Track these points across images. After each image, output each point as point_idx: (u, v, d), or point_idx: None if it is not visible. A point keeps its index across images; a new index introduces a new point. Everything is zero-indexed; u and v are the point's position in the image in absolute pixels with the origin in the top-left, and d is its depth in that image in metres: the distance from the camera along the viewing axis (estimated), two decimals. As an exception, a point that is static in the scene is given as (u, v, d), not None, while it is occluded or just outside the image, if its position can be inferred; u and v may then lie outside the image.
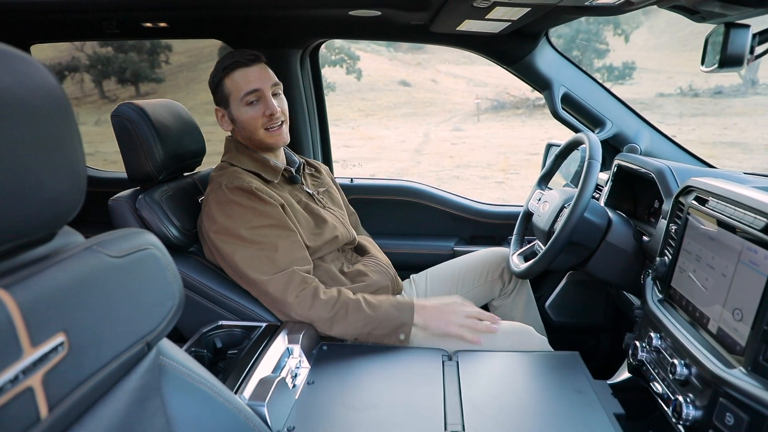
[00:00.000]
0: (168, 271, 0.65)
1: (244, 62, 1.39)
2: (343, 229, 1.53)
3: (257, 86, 1.38)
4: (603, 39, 19.85)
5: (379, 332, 1.27)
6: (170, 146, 1.40)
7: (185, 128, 1.50)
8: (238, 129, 1.44)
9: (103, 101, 18.03)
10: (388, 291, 1.50)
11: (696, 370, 0.87)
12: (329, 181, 1.70)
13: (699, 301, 0.95)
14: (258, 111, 1.39)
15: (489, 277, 1.68)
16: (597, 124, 1.80)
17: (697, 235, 1.00)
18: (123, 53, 17.65)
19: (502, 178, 9.42)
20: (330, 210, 1.56)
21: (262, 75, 1.40)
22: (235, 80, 1.39)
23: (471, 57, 1.87)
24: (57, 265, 0.52)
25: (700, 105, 15.94)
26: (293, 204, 1.43)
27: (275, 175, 1.43)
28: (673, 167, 1.34)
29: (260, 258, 1.26)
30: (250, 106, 1.40)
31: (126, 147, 1.36)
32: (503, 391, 1.06)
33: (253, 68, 1.39)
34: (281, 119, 1.43)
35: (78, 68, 17.99)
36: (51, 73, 0.51)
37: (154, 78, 17.81)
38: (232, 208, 1.30)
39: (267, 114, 1.39)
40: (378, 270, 1.51)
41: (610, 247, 1.34)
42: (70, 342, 0.51)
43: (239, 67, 1.39)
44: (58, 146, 0.50)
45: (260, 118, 1.40)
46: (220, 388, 0.73)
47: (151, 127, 1.35)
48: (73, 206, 0.54)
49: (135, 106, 1.35)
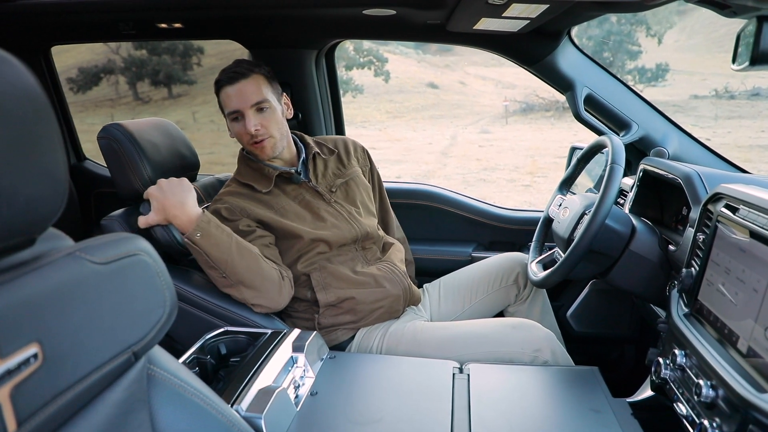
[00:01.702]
0: (159, 278, 0.63)
1: (225, 80, 1.44)
2: (346, 227, 1.49)
3: (236, 107, 1.43)
4: (635, 40, 19.46)
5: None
6: (158, 162, 1.46)
7: (174, 144, 1.56)
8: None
9: (136, 102, 18.49)
10: (398, 300, 1.46)
11: (723, 393, 0.80)
12: (356, 170, 1.66)
13: (728, 317, 0.88)
14: (242, 128, 1.45)
15: (504, 282, 1.63)
16: (622, 127, 1.73)
17: (726, 245, 0.93)
18: (156, 56, 18.08)
19: (529, 181, 9.29)
20: (338, 205, 1.53)
21: (242, 94, 1.43)
22: (222, 99, 1.47)
23: (499, 59, 1.82)
24: (34, 272, 0.50)
25: (736, 107, 15.47)
26: (286, 207, 1.47)
27: (268, 184, 1.47)
28: (701, 172, 1.27)
29: None
30: (235, 122, 1.46)
31: (113, 166, 1.41)
32: (515, 408, 1.01)
33: (234, 86, 1.43)
34: (264, 136, 1.45)
35: (113, 70, 18.50)
36: (27, 71, 0.49)
37: (186, 80, 18.18)
38: None
39: (247, 133, 1.44)
40: (391, 278, 1.47)
41: (633, 256, 1.28)
42: (45, 353, 0.48)
43: (222, 86, 1.45)
44: (32, 149, 0.48)
45: (244, 136, 1.46)
46: (214, 399, 0.70)
47: (136, 145, 1.40)
48: (53, 210, 0.51)
49: (120, 127, 1.41)
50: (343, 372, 1.12)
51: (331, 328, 1.42)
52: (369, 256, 1.53)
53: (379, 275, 1.46)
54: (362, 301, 1.41)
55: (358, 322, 1.42)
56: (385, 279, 1.46)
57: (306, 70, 1.93)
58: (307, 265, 1.44)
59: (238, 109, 1.43)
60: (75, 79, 17.18)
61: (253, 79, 1.44)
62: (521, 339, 1.32)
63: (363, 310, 1.41)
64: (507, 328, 1.35)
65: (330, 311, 1.41)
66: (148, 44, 17.07)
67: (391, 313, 1.46)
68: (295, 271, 1.44)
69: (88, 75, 17.67)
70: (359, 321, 1.42)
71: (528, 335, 1.33)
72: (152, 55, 18.17)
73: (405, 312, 1.52)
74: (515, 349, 1.30)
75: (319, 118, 2.02)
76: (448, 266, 1.99)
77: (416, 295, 1.56)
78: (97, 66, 18.03)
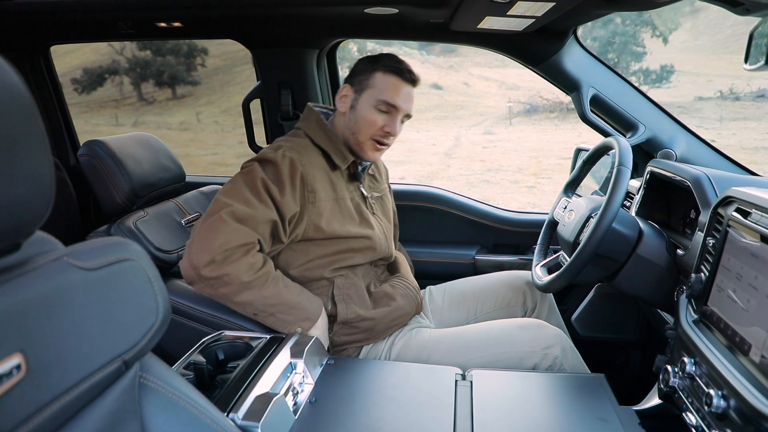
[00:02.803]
0: (151, 284, 0.61)
1: (406, 75, 1.37)
2: (384, 242, 1.45)
3: (400, 104, 1.36)
4: (640, 41, 19.41)
5: (283, 316, 1.21)
6: (140, 176, 1.47)
7: (156, 157, 1.58)
8: (350, 118, 1.39)
9: (141, 103, 18.55)
10: (410, 315, 1.43)
11: (735, 403, 0.78)
12: (386, 188, 1.62)
13: (739, 325, 0.85)
14: (381, 121, 1.36)
15: (511, 302, 1.58)
16: (629, 128, 1.70)
17: (737, 250, 0.91)
18: (161, 56, 18.14)
19: (533, 183, 9.26)
20: (378, 218, 1.49)
21: (411, 98, 1.39)
22: (388, 83, 1.36)
23: (504, 60, 1.80)
24: (19, 278, 0.48)
25: (741, 109, 15.40)
26: (344, 199, 1.38)
27: (344, 161, 1.38)
28: (711, 175, 1.24)
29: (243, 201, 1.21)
30: (378, 112, 1.35)
31: (95, 183, 1.44)
32: (519, 416, 0.98)
33: (408, 87, 1.38)
34: (391, 143, 1.41)
35: (118, 71, 18.57)
36: (10, 68, 0.47)
37: (191, 81, 18.22)
38: (268, 165, 1.27)
39: (386, 130, 1.36)
40: (405, 294, 1.42)
41: (640, 260, 1.25)
42: (29, 363, 0.46)
43: (401, 75, 1.36)
44: (14, 149, 0.46)
45: (377, 128, 1.36)
46: (208, 408, 0.68)
47: (116, 160, 1.42)
48: (39, 214, 0.49)
49: (99, 143, 1.43)
50: (343, 378, 1.09)
51: (341, 347, 1.36)
52: (380, 274, 1.50)
53: (393, 293, 1.41)
54: (380, 321, 1.36)
55: (369, 339, 1.37)
56: (400, 296, 1.41)
57: (307, 70, 1.91)
58: (335, 269, 1.37)
59: (399, 106, 1.35)
60: (79, 79, 17.26)
61: (412, 97, 1.41)
62: (530, 338, 1.29)
63: (379, 330, 1.36)
64: (515, 329, 1.32)
65: (345, 330, 1.34)
66: (153, 45, 17.14)
67: (401, 328, 1.42)
68: (318, 274, 1.36)
69: (93, 76, 17.73)
70: (370, 339, 1.37)
71: (537, 334, 1.30)
72: (156, 56, 18.22)
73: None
74: (525, 348, 1.27)
75: None
76: (452, 269, 1.97)
77: (422, 303, 1.53)
78: (102, 67, 18.09)
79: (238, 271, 1.16)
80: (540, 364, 1.26)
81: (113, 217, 1.46)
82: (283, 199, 1.23)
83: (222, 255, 1.15)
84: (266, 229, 1.23)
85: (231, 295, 1.18)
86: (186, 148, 12.94)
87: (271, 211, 1.22)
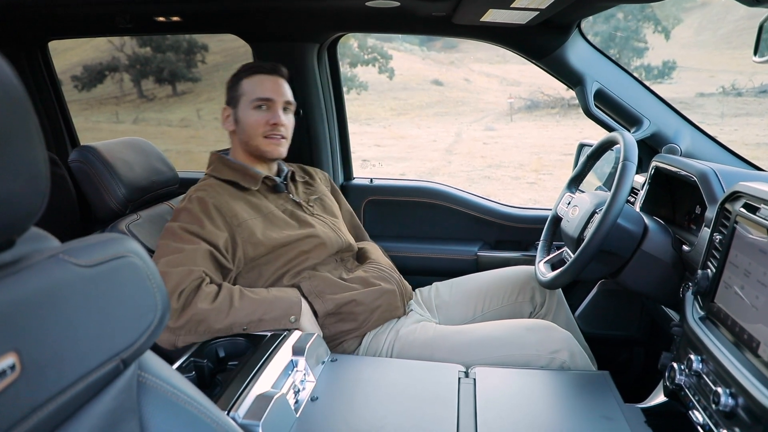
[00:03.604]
0: (149, 281, 0.59)
1: (266, 69, 1.46)
2: (333, 236, 1.48)
3: (271, 96, 1.44)
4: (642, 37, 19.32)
5: (270, 316, 1.21)
6: (132, 180, 1.49)
7: (148, 161, 1.60)
8: (239, 131, 1.47)
9: (141, 100, 18.52)
10: (395, 295, 1.42)
11: (743, 402, 0.76)
12: (324, 189, 1.67)
13: (747, 322, 0.84)
14: (263, 117, 1.44)
15: (519, 297, 1.57)
16: (633, 123, 1.68)
17: (745, 246, 0.89)
18: (161, 53, 18.08)
19: (534, 179, 9.25)
20: (320, 217, 1.52)
21: (278, 87, 1.46)
22: (253, 83, 1.45)
23: (504, 56, 1.79)
24: (12, 275, 0.46)
25: (743, 104, 15.35)
26: (273, 212, 1.42)
27: (255, 182, 1.44)
28: (718, 170, 1.22)
29: (172, 251, 1.24)
30: (257, 111, 1.44)
31: (87, 188, 1.44)
32: (523, 414, 0.97)
33: (272, 77, 1.46)
34: (283, 133, 1.46)
35: (118, 68, 18.53)
36: (3, 61, 0.46)
37: (191, 77, 18.18)
38: (181, 213, 1.33)
39: (271, 122, 1.43)
40: (380, 276, 1.44)
41: (645, 256, 1.24)
42: (23, 363, 0.45)
43: (261, 72, 1.46)
44: (7, 144, 0.45)
45: (263, 125, 1.43)
46: (208, 407, 0.67)
47: (106, 164, 1.44)
48: (33, 210, 0.48)
49: (89, 148, 1.44)
50: (344, 376, 1.08)
51: (336, 341, 1.37)
52: (349, 266, 1.51)
53: (366, 276, 1.43)
54: (361, 302, 1.36)
55: (361, 328, 1.37)
56: (375, 278, 1.42)
57: (307, 65, 1.89)
58: (293, 275, 1.38)
59: (271, 98, 1.44)
60: (80, 76, 17.21)
61: (286, 84, 1.49)
62: (537, 341, 1.27)
63: (363, 311, 1.36)
64: (522, 330, 1.31)
65: (330, 320, 1.35)
66: (153, 41, 17.06)
67: (392, 311, 1.42)
68: (280, 286, 1.38)
69: (93, 72, 17.69)
70: (362, 326, 1.37)
71: (544, 337, 1.28)
72: (157, 53, 18.17)
73: (409, 311, 1.48)
74: (531, 351, 1.26)
75: (321, 114, 1.98)
76: (454, 265, 1.96)
77: (408, 288, 1.53)
78: (102, 64, 18.04)
79: (201, 306, 1.16)
80: (546, 367, 1.24)
81: (107, 221, 1.46)
82: (206, 230, 1.28)
83: (179, 303, 1.16)
84: (206, 261, 1.25)
85: (211, 328, 1.17)
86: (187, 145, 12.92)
87: (201, 244, 1.26)
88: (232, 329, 1.19)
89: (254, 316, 1.20)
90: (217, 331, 1.18)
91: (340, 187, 2.11)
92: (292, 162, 1.98)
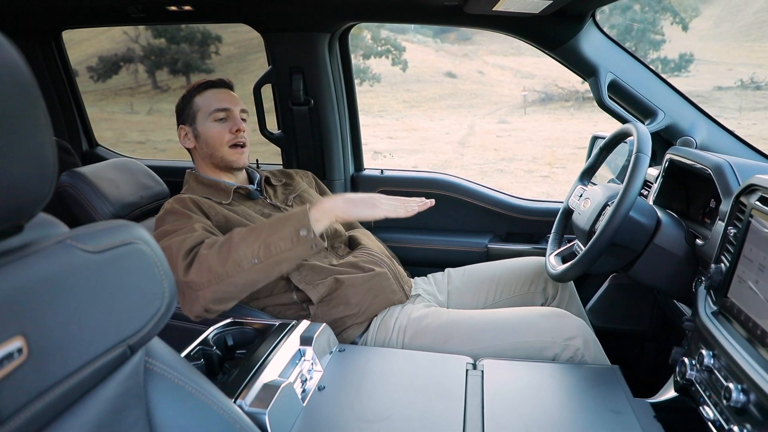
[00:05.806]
0: (156, 268, 0.60)
1: (215, 84, 1.51)
2: None
3: (228, 105, 1.48)
4: (659, 29, 18.99)
5: (277, 237, 1.17)
6: (119, 197, 1.57)
7: (135, 178, 1.68)
8: (201, 145, 1.49)
9: (155, 91, 18.63)
10: (387, 278, 1.41)
11: (756, 398, 0.75)
12: (304, 185, 1.67)
13: (761, 317, 0.83)
14: (225, 127, 1.47)
15: (531, 288, 1.57)
16: (647, 115, 1.65)
17: (760, 240, 0.88)
18: (175, 44, 18.16)
19: (547, 172, 9.18)
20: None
21: (232, 97, 1.51)
22: (207, 98, 1.48)
23: (519, 48, 1.77)
24: (20, 260, 0.47)
25: (762, 98, 15.07)
26: (252, 216, 1.42)
27: (226, 196, 1.46)
28: (733, 163, 1.20)
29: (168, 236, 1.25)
30: (218, 122, 1.47)
31: (76, 210, 1.50)
32: (531, 408, 0.97)
33: (224, 90, 1.51)
34: (246, 141, 1.50)
35: (133, 59, 18.64)
36: (11, 47, 0.46)
37: (204, 69, 18.24)
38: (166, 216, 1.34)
39: (233, 131, 1.47)
40: (371, 260, 1.44)
41: (657, 250, 1.22)
42: (30, 347, 0.45)
43: (212, 87, 1.50)
44: (15, 129, 0.45)
45: (226, 134, 1.46)
46: (215, 394, 0.67)
47: (91, 185, 1.52)
48: (41, 195, 0.48)
49: (75, 173, 1.53)
50: (352, 366, 1.08)
51: (337, 329, 1.35)
52: (340, 253, 1.51)
53: (356, 261, 1.42)
54: (351, 285, 1.35)
55: (360, 313, 1.36)
56: (365, 262, 1.42)
57: (319, 54, 1.88)
58: None
59: (229, 107, 1.47)
60: (95, 67, 17.35)
61: (236, 96, 1.53)
62: (552, 327, 1.26)
63: (355, 294, 1.35)
64: (536, 317, 1.30)
65: (324, 307, 1.35)
66: (167, 33, 17.11)
67: (389, 294, 1.40)
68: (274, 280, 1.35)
69: (108, 63, 17.82)
70: (361, 311, 1.36)
71: (559, 323, 1.27)
72: (171, 44, 18.24)
73: (416, 296, 1.48)
74: (546, 338, 1.24)
75: (332, 104, 1.97)
76: (464, 257, 1.95)
77: (404, 273, 1.53)
78: (117, 55, 18.16)
79: (204, 252, 1.18)
80: (561, 355, 1.23)
81: None
82: (194, 219, 1.30)
83: (187, 259, 1.18)
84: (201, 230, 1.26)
85: (225, 268, 1.16)
86: (200, 136, 12.96)
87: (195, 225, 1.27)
88: (245, 262, 1.15)
89: (259, 241, 1.17)
90: (232, 266, 1.15)
91: (351, 178, 2.11)
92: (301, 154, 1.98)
